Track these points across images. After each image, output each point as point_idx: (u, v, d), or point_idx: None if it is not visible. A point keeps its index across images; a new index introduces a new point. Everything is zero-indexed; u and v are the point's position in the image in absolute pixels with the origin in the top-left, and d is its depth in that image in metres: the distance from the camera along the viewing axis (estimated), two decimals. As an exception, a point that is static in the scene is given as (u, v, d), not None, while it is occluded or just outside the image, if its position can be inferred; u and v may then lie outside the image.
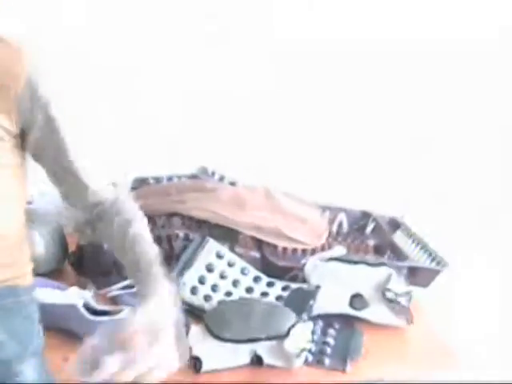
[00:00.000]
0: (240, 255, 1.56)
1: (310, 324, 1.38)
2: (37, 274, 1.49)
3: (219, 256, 1.53)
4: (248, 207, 1.60)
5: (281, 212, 1.64)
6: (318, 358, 1.35)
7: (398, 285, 1.49)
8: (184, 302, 1.45)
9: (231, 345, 1.30)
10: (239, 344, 1.30)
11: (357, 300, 1.49)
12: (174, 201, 1.60)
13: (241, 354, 1.31)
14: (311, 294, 1.47)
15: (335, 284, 1.50)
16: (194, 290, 1.48)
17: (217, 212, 1.56)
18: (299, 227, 1.63)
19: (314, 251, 1.65)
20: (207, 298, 1.48)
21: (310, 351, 1.36)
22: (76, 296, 1.41)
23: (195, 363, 1.29)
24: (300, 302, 1.46)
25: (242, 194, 1.62)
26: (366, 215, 1.86)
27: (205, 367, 1.29)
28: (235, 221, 1.56)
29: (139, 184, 1.73)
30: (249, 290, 1.52)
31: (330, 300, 1.48)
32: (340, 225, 1.82)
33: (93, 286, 1.52)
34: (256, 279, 1.55)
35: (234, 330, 1.31)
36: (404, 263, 1.63)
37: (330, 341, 1.41)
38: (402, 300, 1.46)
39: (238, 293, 1.51)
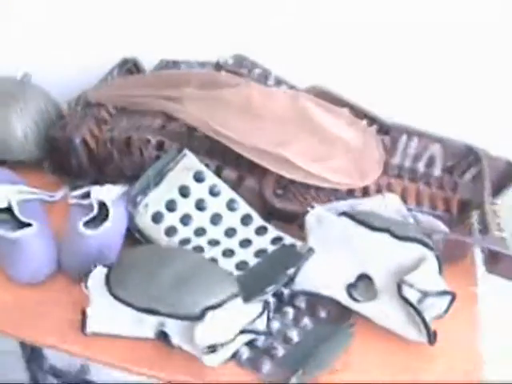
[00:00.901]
0: (230, 183, 1.11)
1: (259, 307, 0.92)
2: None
3: (198, 179, 1.10)
4: (261, 118, 1.13)
5: (310, 130, 1.13)
6: (255, 359, 0.91)
7: (429, 278, 0.94)
8: (138, 230, 1.08)
9: (130, 310, 0.91)
10: (140, 312, 0.91)
11: (362, 284, 0.99)
12: (166, 96, 1.17)
13: (144, 324, 0.92)
14: (296, 258, 1.00)
15: (339, 252, 1.00)
16: (156, 217, 1.08)
17: (213, 120, 1.11)
18: (334, 155, 1.12)
19: (351, 193, 1.13)
20: (171, 231, 1.07)
21: (252, 344, 0.93)
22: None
23: (83, 320, 0.94)
24: (278, 266, 1.00)
25: (257, 99, 1.13)
26: (469, 152, 1.26)
27: (91, 327, 0.93)
28: (235, 139, 1.10)
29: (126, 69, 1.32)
30: (229, 232, 1.08)
31: (324, 275, 1.00)
32: (430, 161, 1.26)
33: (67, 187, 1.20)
34: (244, 219, 1.09)
35: (131, 292, 0.91)
36: (485, 242, 1.06)
37: (293, 336, 0.94)
38: (427, 307, 0.93)
39: (214, 233, 1.08)
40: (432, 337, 0.92)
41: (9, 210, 1.08)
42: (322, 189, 1.12)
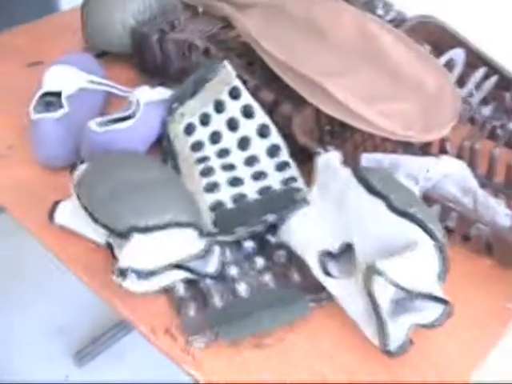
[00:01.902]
0: (267, 105, 0.97)
1: (202, 244, 0.79)
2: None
3: (234, 95, 0.97)
4: (321, 39, 0.94)
5: (376, 62, 0.92)
6: (183, 301, 0.80)
7: (413, 272, 0.72)
8: (168, 139, 1.01)
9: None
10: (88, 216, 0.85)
11: (345, 255, 0.80)
12: (235, 2, 1.04)
13: (100, 230, 0.86)
14: (285, 205, 0.84)
15: (332, 210, 0.82)
16: (189, 129, 1.00)
17: (261, 33, 0.96)
18: (400, 97, 0.90)
19: (408, 147, 0.91)
20: (197, 146, 0.99)
21: (194, 285, 0.81)
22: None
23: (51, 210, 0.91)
24: (263, 208, 0.86)
25: (322, 18, 0.94)
26: None
27: (58, 219, 0.90)
28: (278, 57, 0.94)
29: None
30: (250, 160, 0.96)
31: (307, 232, 0.82)
32: None
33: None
34: (271, 150, 0.95)
35: (85, 193, 0.85)
36: None
37: (241, 291, 0.81)
38: (409, 309, 0.71)
39: (236, 158, 0.96)
40: (389, 345, 0.71)
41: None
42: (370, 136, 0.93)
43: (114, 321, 1.84)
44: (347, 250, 0.78)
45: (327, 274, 0.78)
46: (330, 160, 0.83)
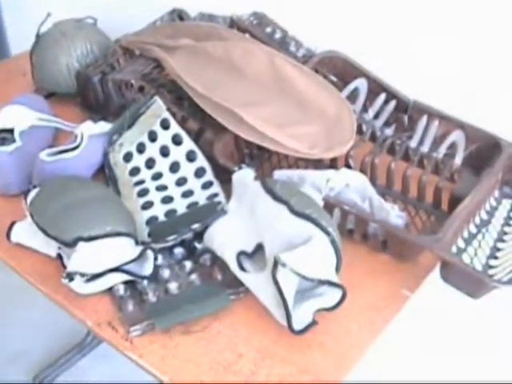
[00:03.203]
0: (192, 134, 1.12)
1: (137, 250, 0.93)
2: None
3: (165, 126, 1.13)
4: (238, 75, 1.11)
5: (284, 91, 1.08)
6: (123, 299, 0.93)
7: (311, 262, 0.87)
8: (109, 167, 1.15)
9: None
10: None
11: (258, 254, 0.95)
12: (164, 45, 1.20)
13: (50, 244, 0.99)
14: (207, 215, 0.99)
15: (246, 218, 0.97)
16: (127, 157, 1.15)
17: (186, 71, 1.12)
18: (305, 121, 1.07)
19: (317, 164, 1.09)
20: (134, 171, 1.13)
21: (133, 285, 0.95)
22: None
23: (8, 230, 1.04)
24: (190, 219, 1.01)
25: (237, 55, 1.11)
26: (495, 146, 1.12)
27: (14, 237, 1.03)
28: (200, 92, 1.10)
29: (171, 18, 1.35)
30: (181, 181, 1.10)
31: (226, 237, 0.97)
32: (451, 148, 1.14)
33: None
34: (198, 171, 1.10)
35: (37, 211, 0.98)
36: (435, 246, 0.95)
37: (173, 288, 0.95)
38: (313, 295, 0.87)
39: (168, 180, 1.11)
40: (294, 325, 0.86)
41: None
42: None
43: (71, 344, 1.94)
44: (259, 249, 0.93)
45: (243, 270, 0.93)
46: (243, 176, 0.99)
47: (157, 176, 1.11)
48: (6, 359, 1.91)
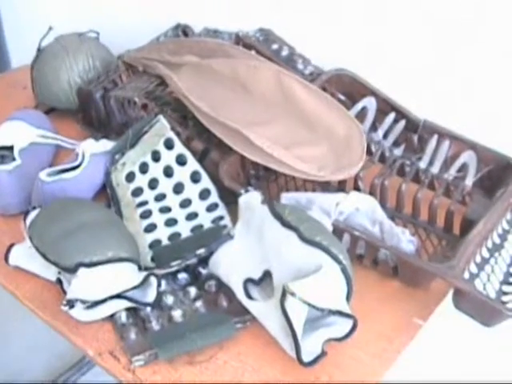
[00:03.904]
0: (197, 154, 1.09)
1: (140, 277, 0.90)
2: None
3: (168, 145, 1.10)
4: (245, 94, 1.08)
5: (292, 112, 1.05)
6: (125, 327, 0.90)
7: (322, 291, 0.84)
8: (111, 186, 1.12)
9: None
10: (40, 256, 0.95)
11: (266, 282, 0.91)
12: (168, 61, 1.17)
13: (50, 268, 0.96)
14: (213, 240, 0.96)
15: (254, 243, 0.94)
16: (130, 177, 1.12)
17: (190, 90, 1.09)
18: (313, 142, 1.03)
19: (325, 186, 1.05)
20: (137, 192, 1.10)
21: (135, 312, 0.92)
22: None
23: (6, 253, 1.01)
24: (195, 244, 0.98)
25: (243, 73, 1.08)
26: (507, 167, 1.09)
27: (12, 260, 1.00)
28: (206, 112, 1.07)
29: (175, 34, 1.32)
30: (185, 203, 1.07)
31: (232, 263, 0.94)
32: (462, 169, 1.11)
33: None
34: (203, 193, 1.07)
35: (36, 235, 0.95)
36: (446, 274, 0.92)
37: (177, 316, 0.91)
38: (323, 325, 0.84)
39: (171, 201, 1.08)
40: (304, 357, 0.83)
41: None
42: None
43: (71, 362, 1.90)
44: (267, 276, 0.90)
45: (250, 298, 0.90)
46: (250, 199, 0.95)
47: (160, 197, 1.08)
48: (3, 380, 1.87)
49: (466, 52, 1.16)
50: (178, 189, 1.08)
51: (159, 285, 0.92)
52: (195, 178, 1.08)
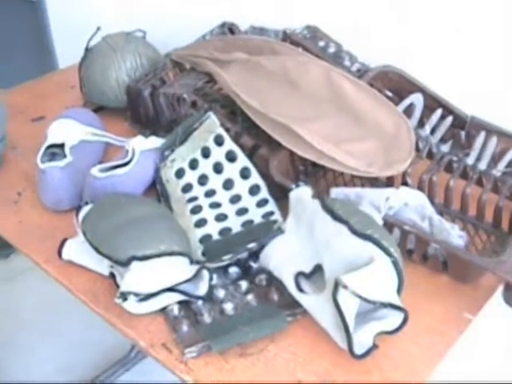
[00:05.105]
0: (246, 150, 1.10)
1: (192, 270, 0.91)
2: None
3: (218, 142, 1.11)
4: (294, 90, 1.08)
5: (342, 108, 1.05)
6: (178, 319, 0.91)
7: (373, 284, 0.84)
8: (160, 183, 1.14)
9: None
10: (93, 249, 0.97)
11: (317, 275, 0.92)
12: (216, 59, 1.18)
13: (103, 262, 0.98)
14: (263, 234, 0.97)
15: (304, 237, 0.94)
16: (179, 173, 1.13)
17: (240, 86, 1.10)
18: (363, 138, 1.04)
19: (374, 182, 1.05)
20: (187, 188, 1.11)
21: (187, 305, 0.93)
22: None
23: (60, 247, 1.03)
24: (246, 238, 0.99)
25: (292, 70, 1.09)
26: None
27: (66, 254, 1.02)
28: (256, 108, 1.08)
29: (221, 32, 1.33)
30: (234, 198, 1.08)
31: (283, 257, 0.94)
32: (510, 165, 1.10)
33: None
34: (252, 189, 1.08)
35: (89, 229, 0.97)
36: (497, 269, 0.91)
37: (228, 309, 0.92)
38: (373, 318, 0.84)
39: (221, 197, 1.09)
40: (355, 349, 0.83)
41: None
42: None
43: (115, 359, 1.93)
44: (318, 269, 0.91)
45: (301, 291, 0.90)
46: (301, 194, 0.96)
47: (210, 193, 1.09)
48: (53, 375, 1.90)
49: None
50: (228, 185, 1.09)
51: (211, 278, 0.93)
52: (245, 174, 1.09)
